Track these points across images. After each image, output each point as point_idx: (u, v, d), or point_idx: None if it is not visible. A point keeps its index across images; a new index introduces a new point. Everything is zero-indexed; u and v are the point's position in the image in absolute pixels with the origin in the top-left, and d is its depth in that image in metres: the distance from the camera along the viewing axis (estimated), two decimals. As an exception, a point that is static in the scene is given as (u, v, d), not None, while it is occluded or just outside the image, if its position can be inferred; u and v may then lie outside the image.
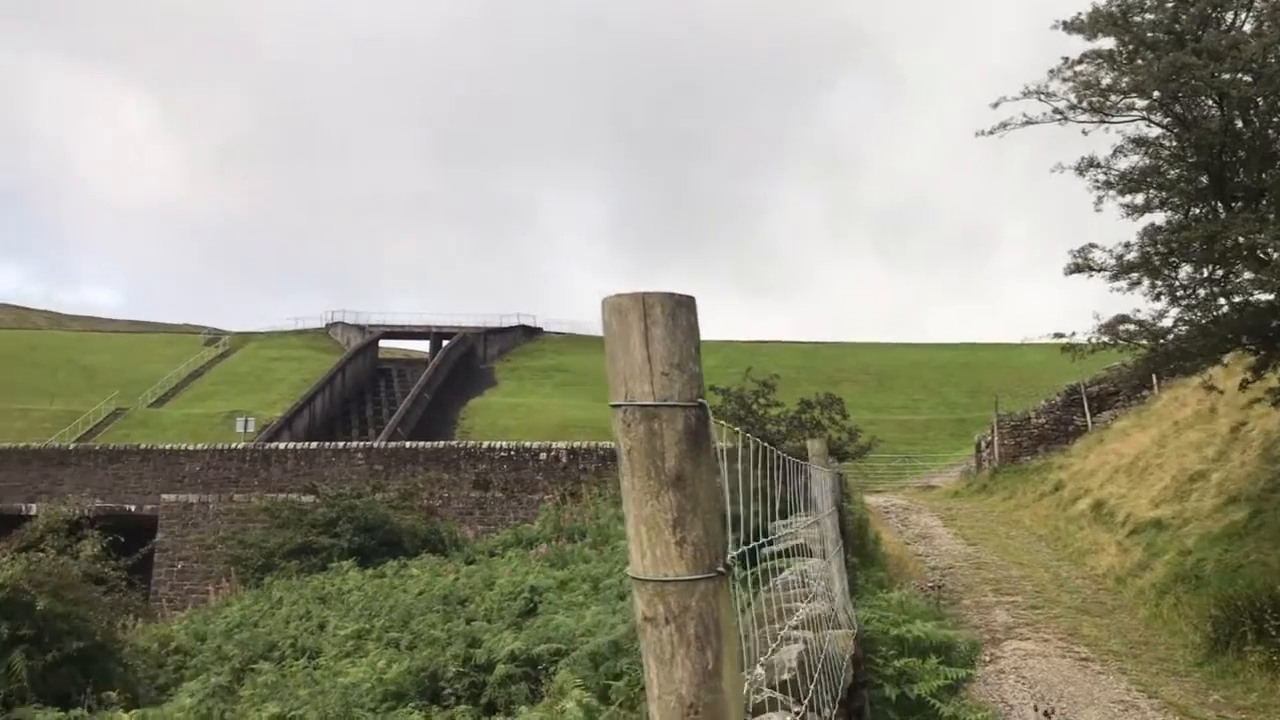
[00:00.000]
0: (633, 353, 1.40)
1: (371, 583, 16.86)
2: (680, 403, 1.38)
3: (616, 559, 13.94)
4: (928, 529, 20.26)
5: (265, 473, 29.45)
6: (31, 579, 11.79)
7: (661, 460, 1.36)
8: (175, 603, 25.16)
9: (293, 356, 70.28)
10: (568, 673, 7.93)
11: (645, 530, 1.36)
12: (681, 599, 1.33)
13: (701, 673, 1.31)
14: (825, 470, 6.71)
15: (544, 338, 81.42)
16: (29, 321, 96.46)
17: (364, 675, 9.48)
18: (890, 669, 5.30)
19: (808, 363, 62.29)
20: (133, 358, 68.83)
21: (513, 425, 52.69)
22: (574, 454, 28.85)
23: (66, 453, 32.70)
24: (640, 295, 1.41)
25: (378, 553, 20.32)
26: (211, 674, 12.04)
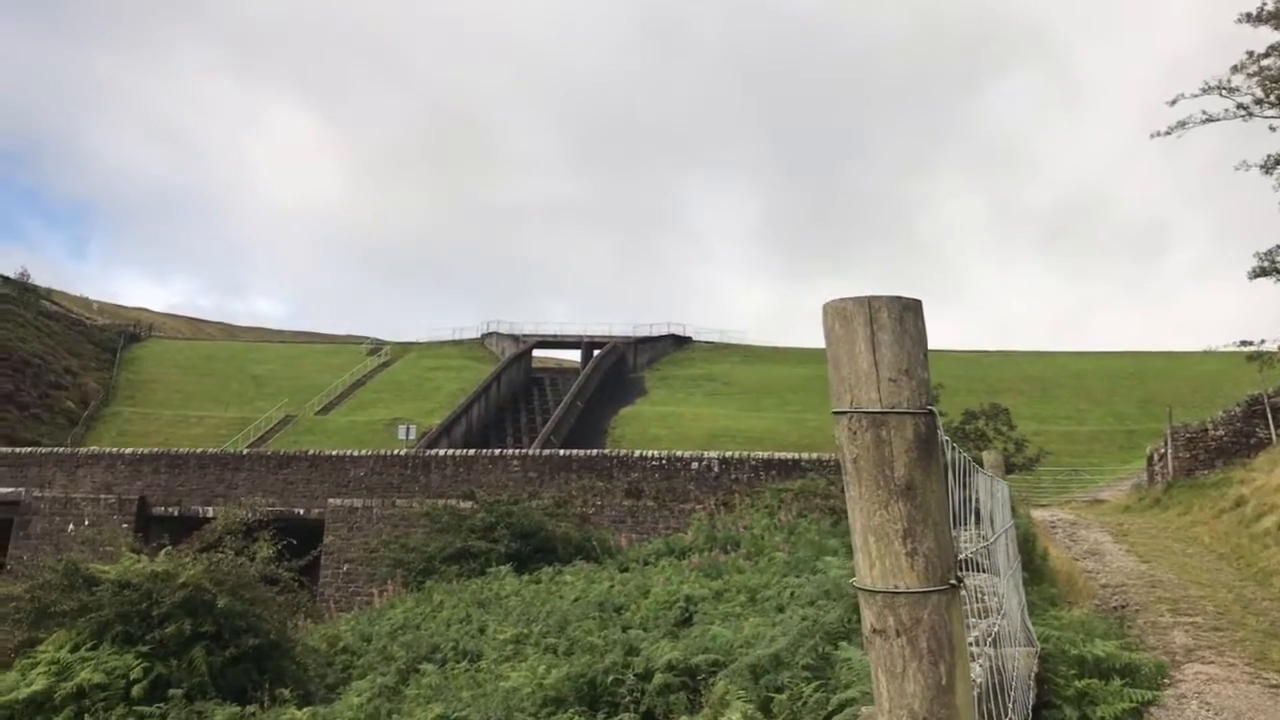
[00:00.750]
0: (858, 359, 1.37)
1: (528, 588, 17.15)
2: (909, 409, 1.34)
3: (773, 570, 13.82)
4: (1097, 545, 19.43)
5: (425, 478, 30.29)
6: (212, 578, 12.37)
7: (890, 469, 1.33)
8: (341, 604, 26.08)
9: (450, 366, 72.16)
10: (727, 683, 7.88)
11: (874, 540, 1.33)
12: (913, 611, 1.29)
13: (935, 688, 1.27)
14: (1001, 482, 6.51)
15: (693, 346, 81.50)
16: (204, 333, 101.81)
17: (524, 680, 9.61)
18: (1071, 690, 5.09)
19: (968, 371, 60.58)
20: (300, 367, 71.81)
21: (663, 434, 52.90)
22: (726, 464, 28.76)
23: (240, 458, 34.26)
24: (866, 300, 1.38)
25: (533, 559, 20.66)
26: (378, 674, 12.43)
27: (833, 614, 8.33)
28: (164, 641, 11.54)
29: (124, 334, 75.29)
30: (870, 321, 1.36)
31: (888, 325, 1.35)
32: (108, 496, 32.75)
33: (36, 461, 34.60)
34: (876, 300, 1.36)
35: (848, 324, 1.37)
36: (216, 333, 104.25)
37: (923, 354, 1.37)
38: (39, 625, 12.80)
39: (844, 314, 1.38)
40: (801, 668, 7.47)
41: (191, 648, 11.63)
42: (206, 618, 11.89)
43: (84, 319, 76.42)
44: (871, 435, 1.34)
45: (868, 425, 1.34)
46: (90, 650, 11.49)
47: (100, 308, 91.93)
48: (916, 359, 1.36)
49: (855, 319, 1.36)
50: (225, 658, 11.82)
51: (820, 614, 8.61)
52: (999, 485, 6.07)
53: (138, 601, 11.85)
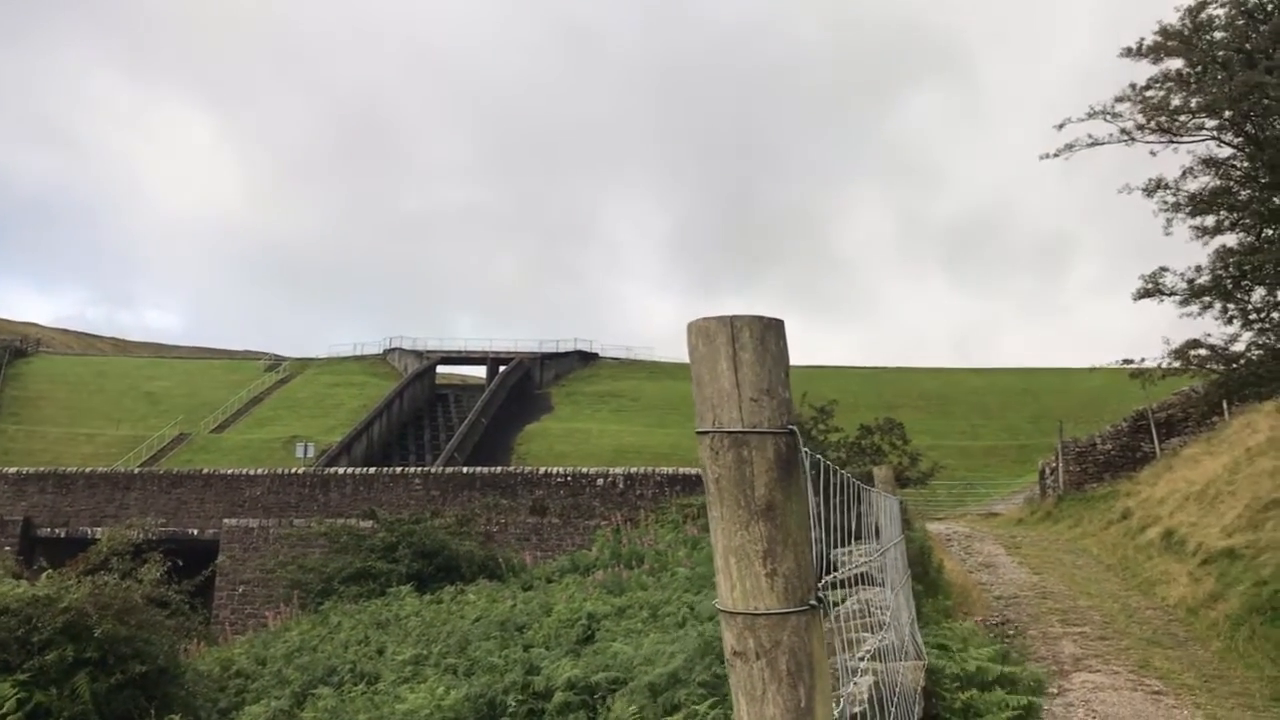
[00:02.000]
0: (720, 378, 1.36)
1: (429, 608, 16.92)
2: (770, 429, 1.33)
3: (675, 586, 13.85)
4: (991, 557, 19.89)
5: (324, 498, 29.73)
6: (96, 602, 11.93)
7: (751, 489, 1.32)
8: (236, 626, 25.41)
9: (351, 382, 71.06)
10: (625, 703, 7.86)
11: (735, 561, 1.32)
12: (773, 633, 1.28)
13: (794, 710, 1.26)
14: (891, 497, 6.61)
15: (600, 363, 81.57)
16: (95, 348, 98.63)
17: (423, 702, 9.48)
18: (957, 701, 5.18)
19: (866, 388, 61.72)
20: (195, 384, 70.00)
21: (569, 451, 52.79)
22: (631, 480, 28.79)
23: (131, 477, 33.22)
24: (728, 319, 1.37)
25: (435, 578, 20.40)
26: (272, 698, 12.13)
27: (731, 630, 8.34)
28: (44, 669, 11.08)
29: (8, 349, 72.56)
30: (732, 340, 1.35)
31: (749, 345, 1.34)
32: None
33: (-89, 482, 33.10)
34: (739, 319, 1.35)
35: (710, 342, 1.36)
36: (108, 348, 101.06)
37: (784, 373, 1.37)
38: (-93, 655, 12.20)
39: (707, 333, 1.36)
40: (698, 685, 7.48)
41: (74, 675, 11.19)
42: (89, 643, 11.46)
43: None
44: (733, 455, 1.33)
45: (729, 445, 1.33)
46: (-38, 680, 10.98)
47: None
48: (778, 378, 1.36)
49: (718, 338, 1.35)
50: (110, 684, 11.40)
51: (718, 630, 8.64)
52: (889, 500, 6.17)
53: (15, 628, 11.36)
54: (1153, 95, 12.12)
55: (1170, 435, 25.79)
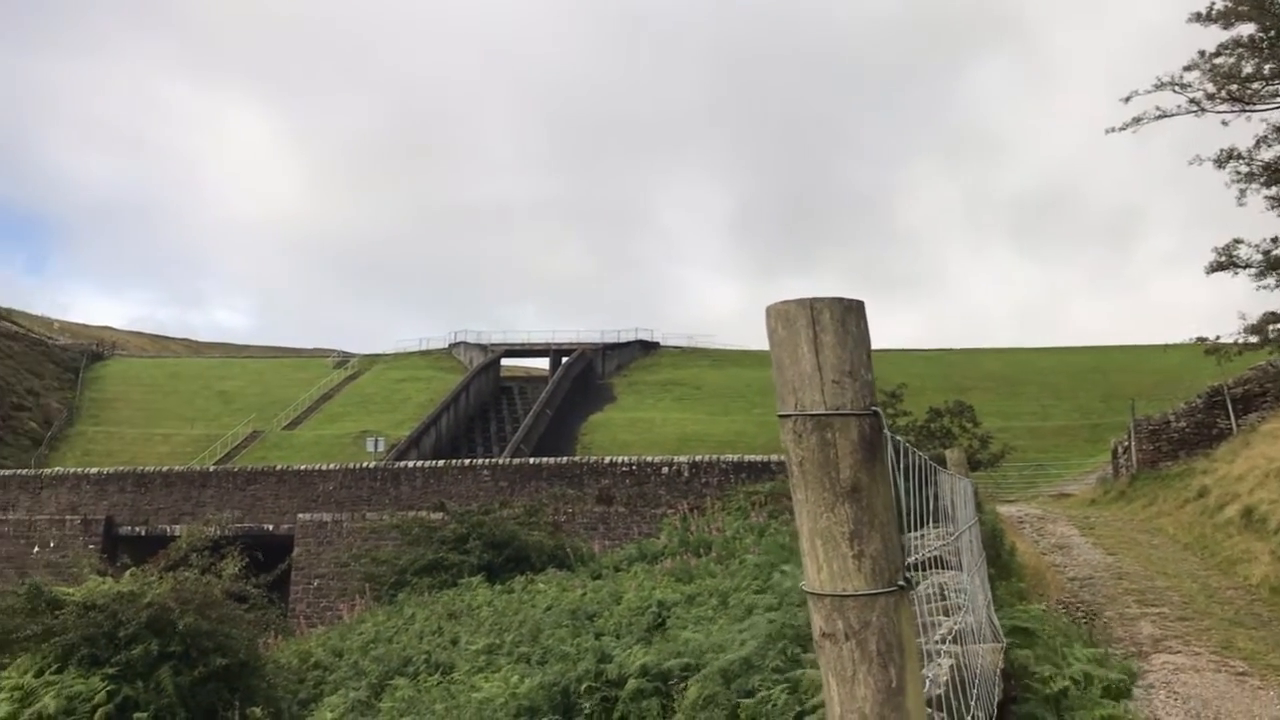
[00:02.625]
0: (801, 361, 1.36)
1: (500, 598, 17.08)
2: (854, 411, 1.33)
3: (743, 573, 13.84)
4: (1065, 538, 19.59)
5: (395, 491, 30.13)
6: (178, 597, 12.24)
7: (836, 471, 1.32)
8: (312, 619, 25.87)
9: (418, 377, 71.84)
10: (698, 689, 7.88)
11: (821, 544, 1.32)
12: (862, 614, 1.28)
13: (885, 690, 1.27)
14: (964, 479, 6.54)
15: (661, 352, 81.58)
16: (168, 350, 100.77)
17: (497, 691, 9.58)
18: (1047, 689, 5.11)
19: (932, 370, 61.02)
20: (266, 382, 71.24)
21: (633, 440, 52.91)
22: (696, 468, 28.79)
23: (207, 475, 33.94)
24: (808, 301, 1.37)
25: (505, 568, 20.58)
26: (350, 689, 12.35)
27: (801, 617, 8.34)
28: (131, 663, 11.40)
29: (86, 353, 74.46)
30: (813, 323, 1.35)
31: (830, 327, 1.34)
32: (73, 518, 32.34)
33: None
34: (819, 302, 1.36)
35: (790, 326, 1.36)
36: (181, 349, 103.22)
37: (866, 355, 1.37)
38: (3, 651, 12.61)
39: (786, 316, 1.37)
40: (771, 671, 7.48)
41: (159, 668, 11.49)
42: (173, 637, 11.76)
43: (45, 339, 75.48)
44: (816, 438, 1.33)
45: (812, 428, 1.34)
46: (55, 674, 11.34)
47: (62, 327, 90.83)
48: (860, 360, 1.35)
49: (797, 321, 1.36)
50: (193, 677, 11.69)
51: (788, 616, 8.62)
52: (962, 483, 6.11)
53: (103, 623, 11.71)
54: (1223, 63, 11.81)
55: (1248, 411, 25.15)
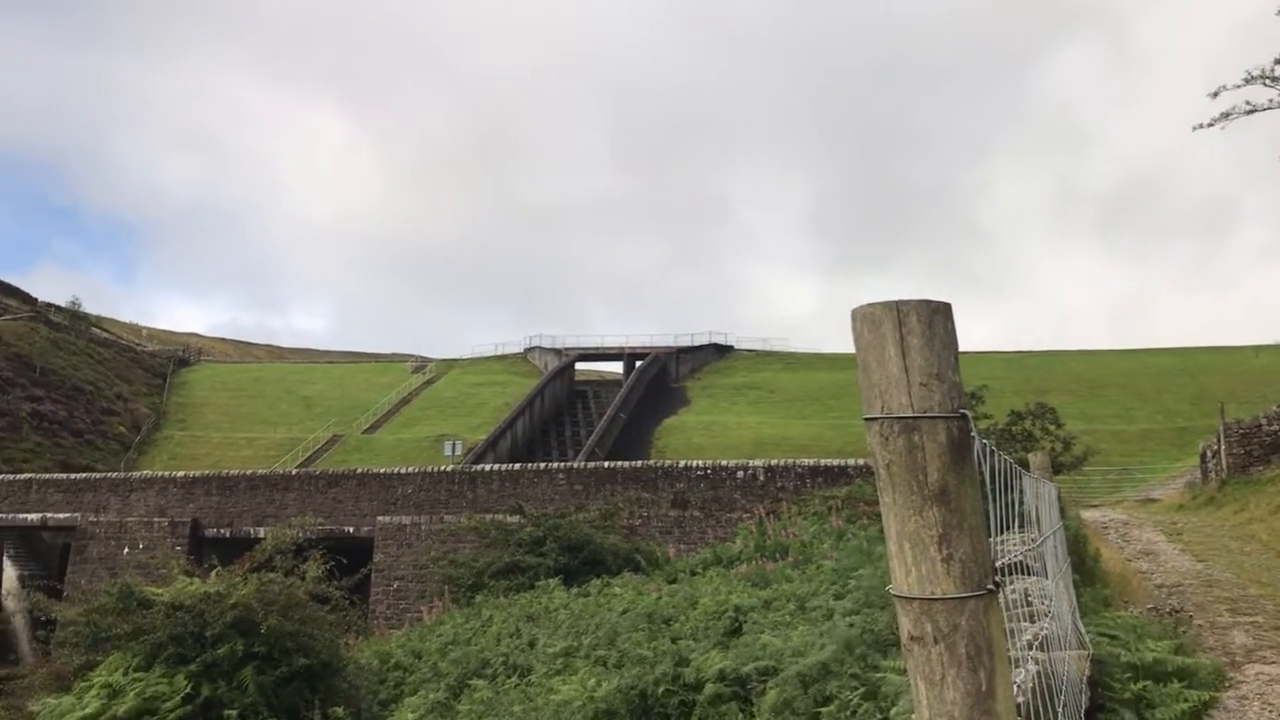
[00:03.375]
0: (888, 364, 1.36)
1: (577, 601, 17.16)
2: (941, 414, 1.33)
3: (821, 578, 13.74)
4: (1151, 544, 19.12)
5: (472, 494, 30.43)
6: (262, 598, 12.50)
7: (924, 474, 1.31)
8: (392, 621, 26.23)
9: (494, 381, 72.55)
10: (776, 694, 7.85)
11: (909, 546, 1.32)
12: (951, 618, 1.28)
13: (975, 694, 1.26)
14: (1048, 483, 6.43)
15: (735, 355, 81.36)
16: (251, 355, 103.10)
17: (575, 693, 9.61)
18: (1128, 693, 5.00)
19: (1012, 372, 59.97)
20: (346, 387, 72.49)
21: (707, 444, 52.81)
22: (771, 472, 28.64)
23: (289, 478, 34.59)
24: (894, 304, 1.37)
25: (581, 571, 20.68)
26: (430, 690, 12.49)
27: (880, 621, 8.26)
28: (216, 662, 11.67)
29: (173, 359, 76.48)
30: (899, 326, 1.34)
31: (917, 329, 1.34)
32: (161, 520, 33.20)
33: (91, 487, 35.16)
34: (905, 304, 1.35)
35: (876, 329, 1.36)
36: (264, 355, 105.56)
37: (953, 357, 1.36)
38: (96, 648, 13.01)
39: (872, 319, 1.37)
40: (850, 677, 7.42)
41: (243, 668, 11.74)
42: (257, 638, 12.01)
43: (134, 345, 77.72)
44: (904, 441, 1.33)
45: (899, 431, 1.33)
46: (143, 672, 11.65)
47: (150, 333, 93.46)
48: (947, 362, 1.35)
49: (884, 324, 1.35)
50: (277, 677, 11.92)
51: (867, 621, 8.54)
52: (1046, 486, 6.00)
53: (190, 623, 12.00)
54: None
55: (1344, 414, 24.34)
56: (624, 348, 79.99)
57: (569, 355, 76.19)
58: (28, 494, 35.23)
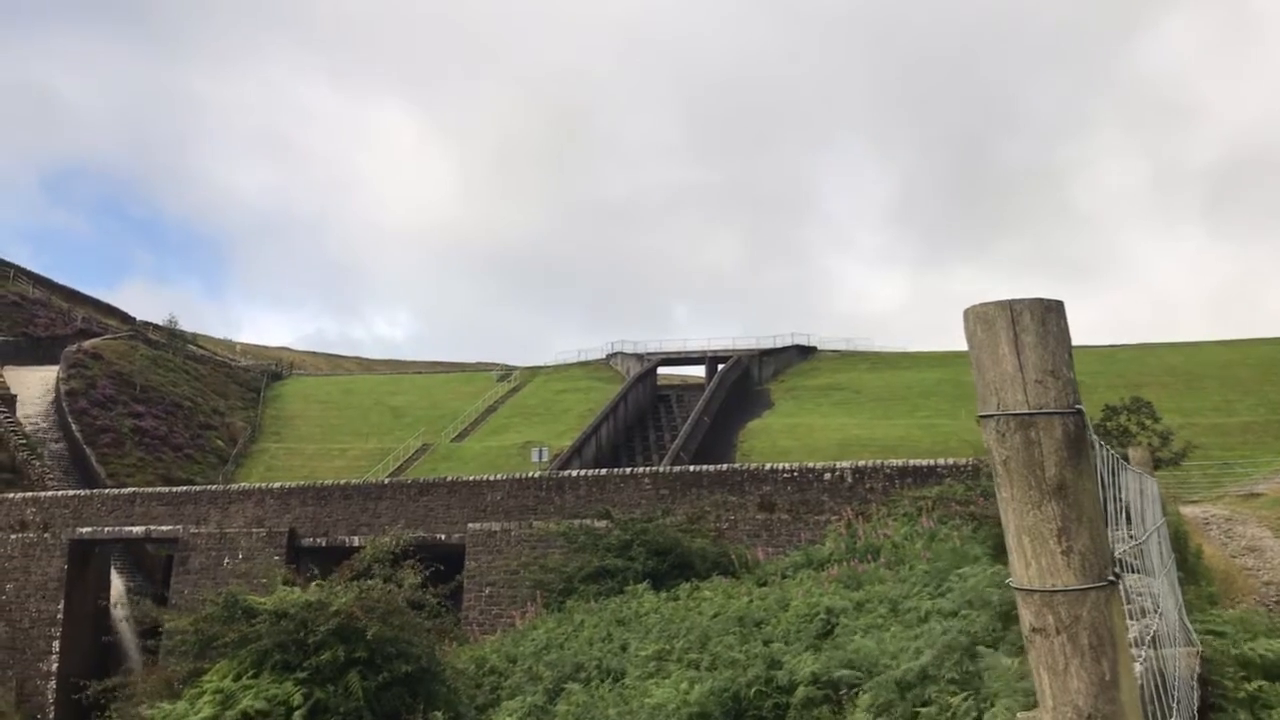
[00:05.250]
0: (1002, 362, 1.38)
1: (667, 605, 17.22)
2: (1057, 409, 1.35)
3: (914, 579, 13.60)
4: (1256, 540, 18.57)
5: (560, 499, 30.67)
6: (363, 606, 12.78)
7: (1041, 469, 1.34)
8: (485, 626, 26.55)
9: (577, 388, 73.04)
10: (871, 698, 7.81)
11: (1028, 540, 1.34)
12: (1072, 609, 1.30)
13: (1099, 683, 1.28)
14: (1149, 478, 6.31)
15: (819, 356, 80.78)
16: (342, 368, 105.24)
17: (669, 696, 9.67)
18: (1241, 692, 4.88)
19: (1105, 367, 58.59)
20: (434, 396, 73.58)
21: (792, 446, 52.52)
22: (859, 473, 28.38)
23: (382, 487, 35.20)
24: (1007, 303, 1.39)
25: (669, 575, 20.73)
26: (526, 694, 12.65)
27: (978, 623, 8.17)
28: (320, 668, 11.96)
29: (266, 373, 78.42)
30: (1013, 324, 1.37)
31: (1030, 327, 1.36)
32: (259, 530, 34.05)
33: (192, 499, 36.21)
34: (1018, 303, 1.38)
35: (989, 328, 1.39)
36: (354, 367, 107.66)
37: (1067, 354, 1.38)
38: (204, 656, 13.41)
39: (985, 318, 1.39)
40: (947, 680, 7.35)
41: (346, 674, 12.01)
42: (359, 644, 12.27)
43: (228, 361, 79.88)
44: (1020, 437, 1.35)
45: (1016, 427, 1.36)
46: (252, 679, 11.98)
47: (244, 349, 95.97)
48: (1061, 359, 1.37)
49: (997, 322, 1.38)
50: (379, 682, 12.18)
51: (965, 624, 8.45)
52: (1148, 482, 5.89)
53: (294, 631, 12.32)
54: None
55: None
56: (706, 351, 79.94)
57: (651, 360, 76.35)
58: (132, 508, 36.40)
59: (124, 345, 67.71)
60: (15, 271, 76.62)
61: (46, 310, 73.01)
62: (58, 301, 76.55)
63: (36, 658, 35.10)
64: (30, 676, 34.90)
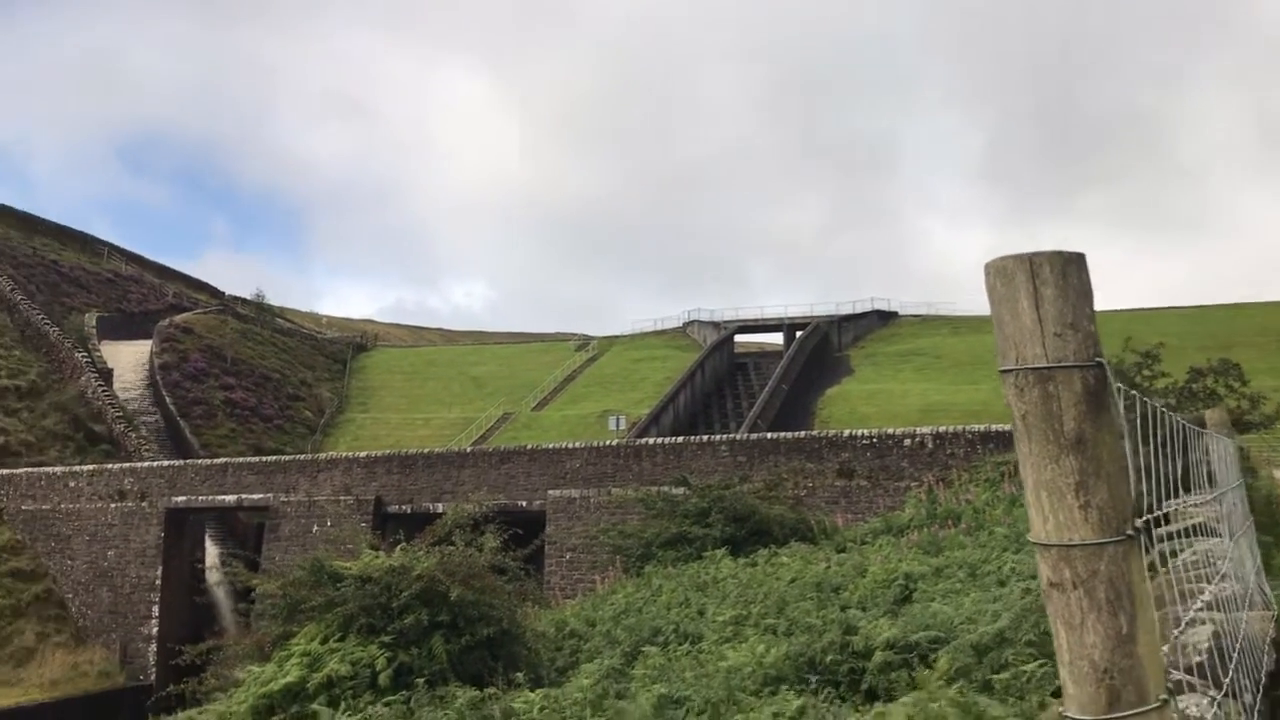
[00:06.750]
0: (1021, 316, 1.38)
1: (744, 571, 17.26)
2: (1076, 363, 1.34)
3: (993, 545, 13.46)
4: (1354, 506, 17.96)
5: (638, 467, 30.85)
6: (444, 570, 13.02)
7: (1060, 423, 1.33)
8: (566, 590, 26.90)
9: (654, 356, 73.18)
10: (948, 661, 7.76)
11: (1045, 495, 1.34)
12: (1089, 563, 1.29)
13: (1115, 637, 1.28)
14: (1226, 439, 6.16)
15: (899, 321, 79.78)
16: (425, 339, 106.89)
17: (745, 659, 9.70)
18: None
19: (1194, 328, 56.95)
20: (514, 366, 74.35)
21: (872, 413, 52.06)
22: (940, 439, 28.07)
23: (464, 456, 35.76)
24: (1026, 256, 1.38)
25: (748, 542, 20.75)
26: (604, 657, 12.79)
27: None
28: (404, 632, 12.23)
29: (352, 345, 79.92)
30: (1032, 277, 1.36)
31: (1050, 280, 1.35)
32: (347, 498, 34.86)
33: (282, 469, 37.20)
34: (1038, 256, 1.36)
35: (1009, 281, 1.38)
36: (436, 338, 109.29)
37: (1088, 307, 1.37)
38: (292, 619, 13.80)
39: (1005, 272, 1.39)
40: (1025, 644, 7.28)
41: (430, 637, 12.27)
42: (442, 608, 12.52)
43: (314, 333, 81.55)
44: (1038, 391, 1.34)
45: (1034, 381, 1.35)
46: (338, 642, 12.30)
47: (328, 321, 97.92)
48: (1082, 312, 1.36)
49: (1016, 276, 1.37)
50: (461, 645, 12.41)
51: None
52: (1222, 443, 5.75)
53: (378, 595, 12.60)
54: None
55: None
56: (783, 318, 79.47)
57: (728, 328, 76.13)
58: (224, 477, 37.52)
59: (214, 319, 69.50)
60: (109, 249, 78.89)
61: (139, 286, 75.11)
62: (149, 277, 78.70)
63: (138, 621, 36.50)
64: (133, 639, 36.32)
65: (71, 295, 65.85)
